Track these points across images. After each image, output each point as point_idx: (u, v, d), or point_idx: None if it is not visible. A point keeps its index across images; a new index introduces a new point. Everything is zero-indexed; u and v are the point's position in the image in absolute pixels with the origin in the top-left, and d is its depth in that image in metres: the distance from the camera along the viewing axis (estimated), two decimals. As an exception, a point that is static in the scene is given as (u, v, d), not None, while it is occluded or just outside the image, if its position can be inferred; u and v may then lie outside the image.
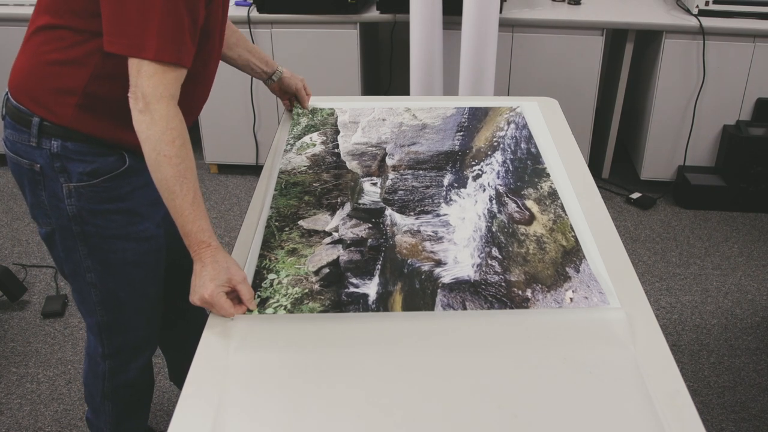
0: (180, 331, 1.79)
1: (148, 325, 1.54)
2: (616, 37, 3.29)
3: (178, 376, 1.94)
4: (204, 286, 1.16)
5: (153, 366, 1.69)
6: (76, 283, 1.44)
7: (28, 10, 3.02)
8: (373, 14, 3.02)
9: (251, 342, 1.12)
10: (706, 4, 2.90)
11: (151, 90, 1.17)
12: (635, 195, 3.23)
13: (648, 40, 3.14)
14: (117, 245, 1.39)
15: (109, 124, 1.30)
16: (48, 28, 1.25)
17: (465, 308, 1.18)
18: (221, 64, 1.74)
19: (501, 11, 2.85)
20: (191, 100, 1.35)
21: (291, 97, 1.88)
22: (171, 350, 1.90)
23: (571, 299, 1.19)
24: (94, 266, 1.40)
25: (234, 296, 1.19)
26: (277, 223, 1.42)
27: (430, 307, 1.19)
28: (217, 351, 1.11)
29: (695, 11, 2.92)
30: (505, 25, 2.96)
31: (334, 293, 1.22)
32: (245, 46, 1.70)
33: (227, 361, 1.09)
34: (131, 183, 1.37)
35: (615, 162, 3.40)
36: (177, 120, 1.19)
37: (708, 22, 2.88)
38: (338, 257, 1.32)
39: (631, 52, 3.09)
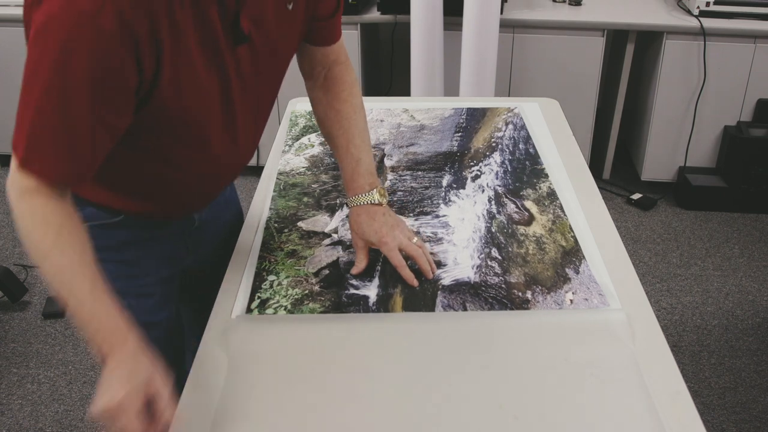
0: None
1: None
2: (616, 37, 3.29)
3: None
4: (111, 389, 0.88)
5: None
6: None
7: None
8: (374, 15, 3.02)
9: (251, 343, 1.12)
10: (707, 5, 2.90)
11: (8, 185, 0.95)
12: (636, 196, 3.23)
13: (649, 40, 3.13)
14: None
15: (96, 189, 1.13)
16: None
17: (465, 310, 1.18)
18: None
19: (502, 12, 2.85)
20: (172, 196, 1.17)
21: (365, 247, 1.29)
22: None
23: (571, 301, 1.19)
24: None
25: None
26: (276, 225, 1.41)
27: (431, 309, 1.18)
28: (217, 352, 1.11)
29: (696, 12, 2.92)
30: (506, 25, 2.96)
31: (335, 294, 1.22)
32: (347, 150, 1.29)
33: (227, 362, 1.09)
34: (132, 234, 1.20)
35: (616, 163, 3.40)
36: (46, 210, 0.94)
37: (709, 23, 2.88)
38: (338, 258, 1.32)
39: (631, 52, 3.09)
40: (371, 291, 1.23)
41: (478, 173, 1.59)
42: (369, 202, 1.27)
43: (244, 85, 1.07)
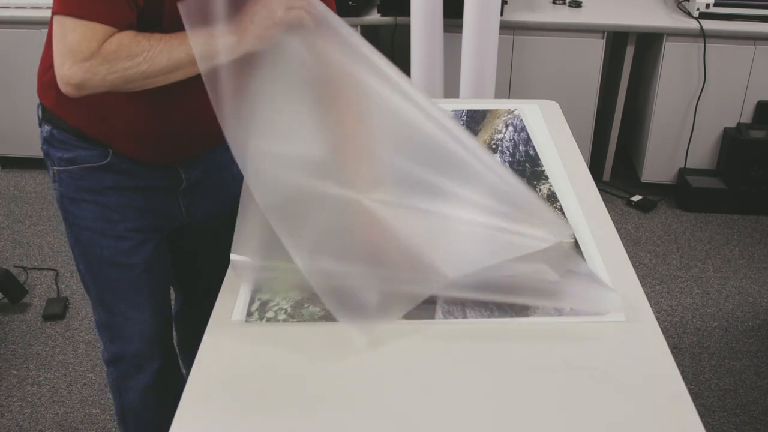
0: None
1: (142, 340, 1.43)
2: (616, 39, 3.29)
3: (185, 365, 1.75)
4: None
5: (155, 395, 1.49)
6: (78, 271, 1.42)
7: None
8: (374, 17, 3.02)
9: (251, 346, 1.12)
10: (707, 6, 2.90)
11: (67, 76, 1.07)
12: (636, 198, 3.23)
13: (649, 42, 3.14)
14: (94, 240, 1.34)
15: (91, 117, 1.25)
16: None
17: (465, 316, 1.18)
18: None
19: (502, 14, 2.85)
20: (158, 129, 1.27)
21: None
22: (184, 329, 1.76)
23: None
24: (79, 257, 1.38)
25: None
26: (277, 227, 1.41)
27: (431, 315, 1.18)
28: (217, 355, 1.11)
29: (696, 14, 2.92)
30: (506, 27, 2.96)
31: (334, 297, 1.22)
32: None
33: (227, 366, 1.09)
34: (115, 180, 1.31)
35: (616, 165, 3.40)
36: (114, 41, 1.06)
37: (709, 24, 2.88)
38: (338, 261, 1.31)
39: (631, 54, 3.09)
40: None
41: (479, 175, 1.58)
42: None
43: None
